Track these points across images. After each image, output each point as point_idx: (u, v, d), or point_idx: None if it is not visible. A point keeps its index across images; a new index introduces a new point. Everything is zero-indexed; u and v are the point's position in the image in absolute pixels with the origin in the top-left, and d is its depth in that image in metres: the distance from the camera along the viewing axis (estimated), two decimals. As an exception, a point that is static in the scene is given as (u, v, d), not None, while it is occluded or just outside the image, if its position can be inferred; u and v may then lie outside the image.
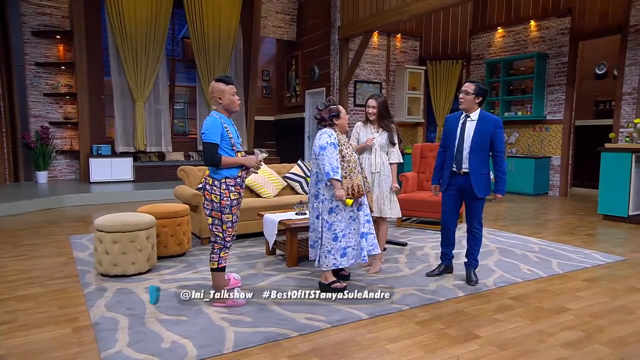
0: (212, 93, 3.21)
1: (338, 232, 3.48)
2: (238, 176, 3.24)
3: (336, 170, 3.35)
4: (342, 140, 3.53)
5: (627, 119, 7.84)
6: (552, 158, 9.34)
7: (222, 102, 3.21)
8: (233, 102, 3.23)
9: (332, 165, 3.36)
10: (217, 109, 3.25)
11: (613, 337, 2.88)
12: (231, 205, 3.21)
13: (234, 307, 3.23)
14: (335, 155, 3.39)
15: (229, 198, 3.19)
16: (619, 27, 8.01)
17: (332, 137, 3.47)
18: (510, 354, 2.64)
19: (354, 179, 3.44)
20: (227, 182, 3.19)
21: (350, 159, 3.48)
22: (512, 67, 9.93)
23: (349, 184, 3.41)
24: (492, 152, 3.72)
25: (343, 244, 3.50)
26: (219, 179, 3.18)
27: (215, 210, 3.20)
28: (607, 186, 6.62)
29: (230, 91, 3.21)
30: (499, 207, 7.81)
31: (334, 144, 3.44)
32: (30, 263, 4.40)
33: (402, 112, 10.54)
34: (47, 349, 2.67)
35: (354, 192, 3.42)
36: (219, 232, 3.25)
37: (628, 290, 3.73)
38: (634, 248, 5.13)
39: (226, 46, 10.62)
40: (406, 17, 8.14)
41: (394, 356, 2.61)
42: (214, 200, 3.19)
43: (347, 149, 3.51)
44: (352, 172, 3.44)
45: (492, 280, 3.93)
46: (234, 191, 3.22)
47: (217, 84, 3.20)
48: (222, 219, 3.22)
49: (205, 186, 3.25)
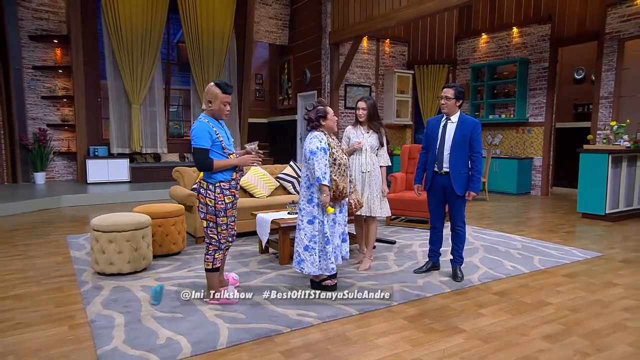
0: (207, 94, 3.14)
1: (329, 235, 3.50)
2: (232, 179, 3.20)
3: (325, 175, 3.37)
4: (333, 143, 3.51)
5: (604, 122, 8.14)
6: (534, 159, 9.60)
7: (211, 106, 3.14)
8: (222, 110, 3.16)
9: (322, 170, 3.36)
10: (206, 112, 3.18)
11: (590, 330, 2.96)
12: (225, 209, 3.17)
13: (227, 305, 3.25)
14: (324, 161, 3.38)
15: (224, 202, 3.15)
16: (595, 34, 8.30)
17: (323, 141, 3.44)
18: (494, 347, 2.70)
19: (342, 182, 3.47)
20: (222, 186, 3.15)
21: (342, 162, 3.49)
22: (496, 72, 10.20)
23: (336, 186, 3.44)
24: (470, 152, 3.80)
25: (330, 248, 3.51)
26: (213, 182, 3.14)
27: (210, 214, 3.16)
28: (586, 186, 6.79)
29: (224, 100, 3.14)
30: (484, 206, 7.97)
31: (324, 148, 3.42)
32: (27, 262, 4.39)
33: (390, 114, 10.74)
34: (44, 346, 2.67)
35: (340, 194, 3.45)
36: (214, 235, 3.21)
37: (604, 285, 3.84)
38: (610, 245, 5.28)
39: (220, 50, 10.79)
40: (394, 23, 8.29)
41: (382, 350, 2.65)
42: (209, 204, 3.15)
43: (338, 152, 3.50)
44: (342, 175, 3.47)
45: (477, 277, 4.00)
46: (229, 194, 3.18)
47: (214, 87, 3.13)
48: (217, 221, 3.18)
49: (199, 190, 3.20)
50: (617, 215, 6.72)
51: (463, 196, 3.84)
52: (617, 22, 7.96)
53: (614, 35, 8.00)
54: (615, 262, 4.54)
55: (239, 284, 3.73)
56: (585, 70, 10.17)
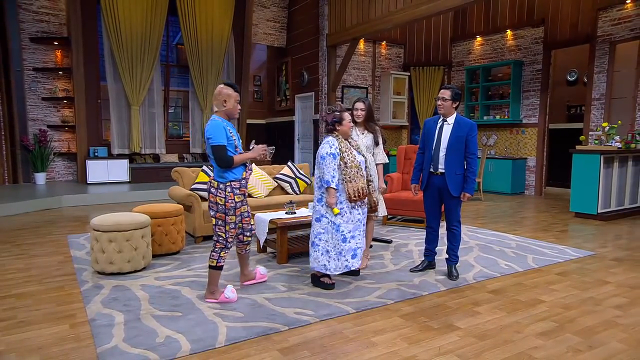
0: (219, 95, 3.23)
1: (346, 233, 3.56)
2: (242, 178, 3.30)
3: (332, 179, 3.49)
4: (344, 147, 3.59)
5: (596, 123, 8.27)
6: (528, 159, 9.71)
7: (226, 105, 3.24)
8: (235, 108, 3.29)
9: (330, 174, 3.49)
10: (219, 112, 3.27)
11: (583, 327, 2.99)
12: (235, 207, 3.26)
13: (226, 304, 3.30)
14: (332, 166, 3.51)
15: (234, 200, 3.24)
16: (587, 37, 8.42)
17: (333, 147, 3.56)
18: (489, 344, 2.73)
19: (357, 183, 3.54)
20: (232, 185, 3.24)
21: (352, 164, 3.55)
22: (490, 74, 10.30)
23: (352, 188, 3.51)
24: (465, 153, 3.80)
25: (353, 244, 3.57)
26: (224, 182, 3.22)
27: (220, 212, 3.25)
28: (578, 186, 6.86)
29: (236, 98, 3.28)
30: (479, 206, 8.06)
31: (334, 154, 3.53)
32: (29, 262, 4.42)
33: (387, 115, 10.83)
34: (45, 344, 2.69)
35: (358, 195, 3.53)
36: (222, 233, 3.29)
37: (597, 283, 3.88)
38: (602, 243, 5.33)
39: (219, 52, 10.86)
40: (391, 26, 8.37)
41: (379, 348, 2.67)
42: (219, 202, 3.23)
43: (349, 155, 3.58)
44: (355, 177, 3.54)
45: (472, 275, 4.04)
46: (239, 193, 3.28)
47: (226, 88, 3.25)
48: (226, 220, 3.26)
49: (210, 189, 3.28)
50: (609, 214, 6.82)
51: (458, 197, 3.86)
52: (608, 25, 8.09)
53: (606, 38, 8.13)
54: (607, 261, 4.59)
55: (266, 279, 3.81)
56: (577, 73, 10.27)
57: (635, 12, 7.74)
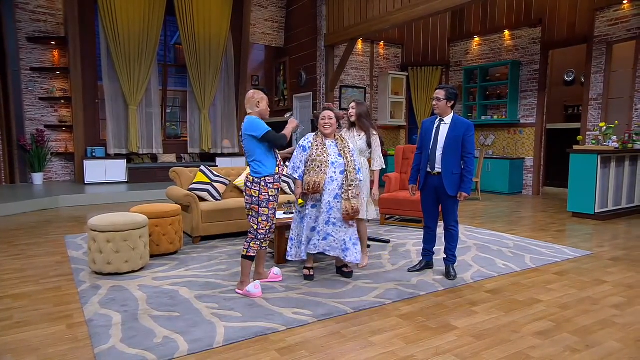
0: (252, 98, 3.54)
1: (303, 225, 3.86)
2: (276, 173, 3.53)
3: (296, 169, 3.80)
4: (316, 143, 3.80)
5: (594, 123, 8.28)
6: (525, 159, 9.74)
7: (259, 107, 3.54)
8: (267, 110, 3.62)
9: (294, 164, 3.83)
10: (252, 113, 3.55)
11: (580, 326, 3.01)
12: (268, 200, 3.48)
13: (249, 297, 3.46)
14: (299, 157, 3.82)
15: (267, 194, 3.47)
16: (585, 37, 8.46)
17: (306, 140, 3.88)
18: (486, 344, 2.74)
19: (312, 177, 3.68)
20: (267, 180, 3.47)
21: (317, 158, 3.74)
22: (488, 74, 10.33)
23: (306, 180, 3.71)
24: (462, 153, 3.80)
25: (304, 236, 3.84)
26: (259, 177, 3.47)
27: (254, 204, 3.50)
28: (576, 185, 6.88)
29: (267, 101, 3.60)
30: (476, 206, 8.08)
31: (304, 147, 3.84)
32: (26, 262, 4.41)
33: (385, 115, 10.86)
34: (42, 345, 2.69)
35: (308, 187, 3.69)
36: (254, 224, 3.51)
37: (594, 283, 3.90)
38: (599, 243, 5.35)
39: (217, 52, 10.85)
40: (389, 26, 8.38)
41: (377, 348, 2.68)
42: (253, 195, 3.49)
43: (317, 150, 3.77)
44: (312, 170, 3.71)
45: (469, 275, 4.05)
46: (272, 188, 3.50)
47: (258, 92, 3.58)
48: (259, 211, 3.48)
49: (246, 183, 3.57)
50: (606, 214, 6.84)
51: (455, 196, 3.86)
52: (605, 25, 8.12)
53: (603, 38, 8.16)
54: (605, 260, 4.61)
55: (281, 279, 3.88)
56: (575, 73, 10.31)
57: (632, 13, 7.77)
